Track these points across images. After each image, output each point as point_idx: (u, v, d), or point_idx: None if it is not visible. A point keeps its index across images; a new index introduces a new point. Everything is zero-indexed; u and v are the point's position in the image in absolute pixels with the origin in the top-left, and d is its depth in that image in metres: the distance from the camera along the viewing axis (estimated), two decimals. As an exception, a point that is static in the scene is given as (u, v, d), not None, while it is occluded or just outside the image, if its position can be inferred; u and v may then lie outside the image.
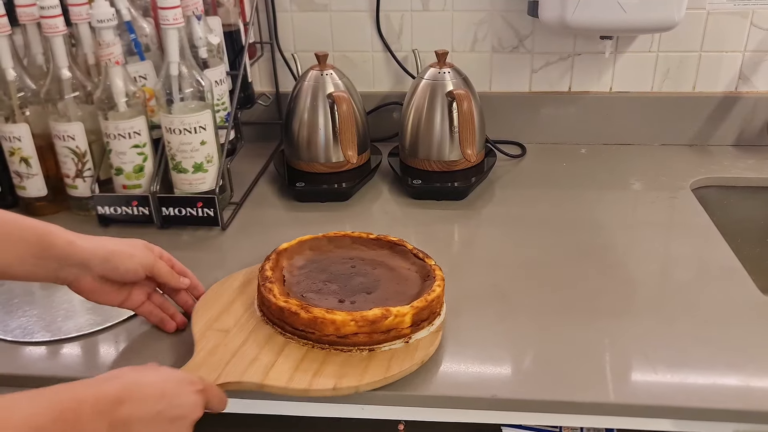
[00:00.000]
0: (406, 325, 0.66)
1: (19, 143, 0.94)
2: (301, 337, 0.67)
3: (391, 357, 0.65)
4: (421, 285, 0.72)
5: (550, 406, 0.64)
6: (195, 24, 0.96)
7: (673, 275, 0.83)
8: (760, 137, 1.16)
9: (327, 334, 0.65)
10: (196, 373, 0.62)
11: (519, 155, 1.17)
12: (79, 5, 0.90)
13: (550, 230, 0.93)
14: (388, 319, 0.65)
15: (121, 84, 0.90)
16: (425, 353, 0.66)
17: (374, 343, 0.66)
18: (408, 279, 0.73)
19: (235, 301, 0.74)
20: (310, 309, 0.66)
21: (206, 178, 0.94)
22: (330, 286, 0.72)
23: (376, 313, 0.65)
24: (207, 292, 0.76)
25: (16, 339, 0.74)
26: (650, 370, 0.66)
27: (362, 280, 0.73)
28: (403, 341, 0.67)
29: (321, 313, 0.65)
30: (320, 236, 0.80)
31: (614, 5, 0.96)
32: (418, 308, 0.67)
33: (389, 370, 0.63)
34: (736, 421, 0.63)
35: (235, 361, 0.65)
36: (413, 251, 0.77)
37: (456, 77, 1.03)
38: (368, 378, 0.62)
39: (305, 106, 1.04)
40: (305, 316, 0.65)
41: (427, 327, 0.69)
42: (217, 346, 0.67)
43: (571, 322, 0.73)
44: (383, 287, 0.72)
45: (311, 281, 0.73)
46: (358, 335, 0.65)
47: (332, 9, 1.17)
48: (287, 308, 0.67)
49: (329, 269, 0.75)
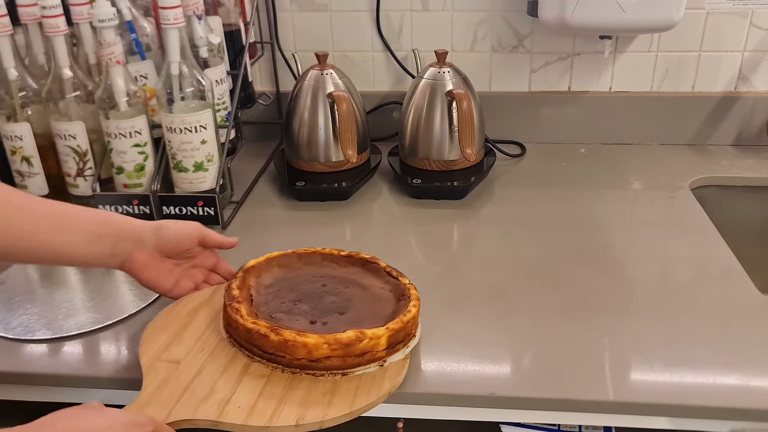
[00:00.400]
0: (381, 348, 0.63)
1: (20, 142, 0.95)
2: (270, 361, 0.63)
3: (358, 386, 0.61)
4: (396, 305, 0.68)
5: (549, 404, 0.64)
6: (196, 24, 0.96)
7: (672, 275, 0.84)
8: (759, 137, 1.16)
9: (298, 357, 0.62)
10: (144, 411, 0.58)
11: (518, 155, 1.17)
12: (80, 5, 0.90)
13: (549, 230, 0.93)
14: (362, 342, 0.61)
15: (122, 83, 0.90)
16: (392, 384, 0.62)
17: (348, 367, 0.62)
18: (381, 298, 0.70)
19: (186, 328, 0.68)
20: (280, 331, 0.62)
21: (207, 177, 0.95)
22: (300, 306, 0.68)
23: (350, 336, 0.61)
24: (155, 318, 0.70)
25: (17, 337, 0.74)
26: (649, 369, 0.66)
27: (334, 299, 0.69)
28: (378, 364, 0.63)
29: (292, 335, 0.61)
30: (289, 253, 0.76)
31: (613, 5, 0.97)
32: (393, 330, 0.63)
33: (354, 403, 0.59)
34: (733, 419, 0.64)
35: (187, 397, 0.59)
36: (386, 269, 0.73)
37: (456, 77, 1.04)
38: (333, 412, 0.58)
39: (305, 106, 1.04)
40: (275, 338, 0.61)
41: (402, 349, 0.65)
42: (167, 379, 0.61)
43: (570, 321, 0.74)
44: (356, 307, 0.68)
45: (280, 300, 0.69)
46: (331, 359, 0.61)
47: (332, 9, 1.17)
48: (255, 330, 0.62)
49: (299, 288, 0.71)
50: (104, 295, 0.80)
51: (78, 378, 0.69)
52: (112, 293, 0.81)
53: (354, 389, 0.61)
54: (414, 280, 0.72)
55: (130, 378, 0.68)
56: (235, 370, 0.63)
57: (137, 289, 0.80)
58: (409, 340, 0.67)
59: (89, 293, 0.81)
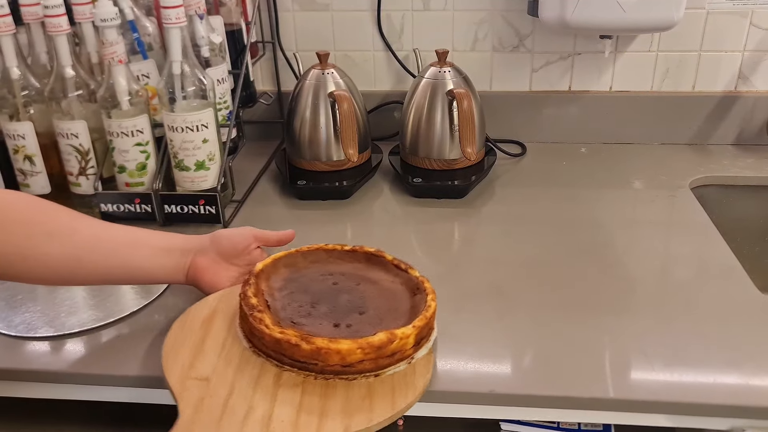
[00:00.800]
0: (409, 346, 0.64)
1: (23, 141, 0.95)
2: (302, 369, 0.62)
3: (393, 387, 0.62)
4: (411, 299, 0.69)
5: (549, 402, 0.65)
6: (197, 23, 0.97)
7: (672, 274, 0.84)
8: (759, 136, 1.16)
9: (331, 364, 0.61)
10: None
11: (519, 154, 1.17)
12: (82, 4, 0.90)
13: (549, 229, 0.93)
14: (393, 343, 0.62)
15: (124, 82, 0.90)
16: (425, 380, 0.63)
17: (379, 368, 0.62)
18: (396, 293, 0.70)
19: (204, 340, 0.66)
20: (311, 339, 0.61)
21: (208, 176, 0.95)
22: (319, 309, 0.67)
23: (381, 339, 0.61)
24: (169, 333, 0.68)
25: (19, 334, 0.74)
26: (648, 367, 0.66)
27: (349, 298, 0.69)
28: (407, 362, 0.64)
29: (324, 343, 0.61)
30: (294, 251, 0.75)
31: (613, 5, 0.97)
32: (419, 327, 0.64)
33: (395, 405, 0.60)
34: (733, 416, 0.64)
35: (227, 418, 0.57)
36: (393, 262, 0.73)
37: (456, 76, 1.04)
38: (377, 416, 0.58)
39: (307, 105, 1.04)
40: (307, 347, 0.61)
41: (425, 345, 0.66)
42: (202, 399, 0.59)
43: (570, 320, 0.74)
44: (373, 305, 0.68)
45: (297, 304, 0.68)
46: (363, 362, 0.61)
47: (334, 8, 1.18)
48: (285, 340, 0.61)
49: (310, 289, 0.70)
50: (106, 293, 0.81)
51: (80, 375, 0.70)
52: (113, 291, 0.81)
53: (390, 391, 0.61)
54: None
55: (132, 375, 0.68)
56: (267, 382, 0.62)
57: (138, 287, 0.81)
58: (431, 335, 0.67)
59: (91, 291, 0.82)
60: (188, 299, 0.78)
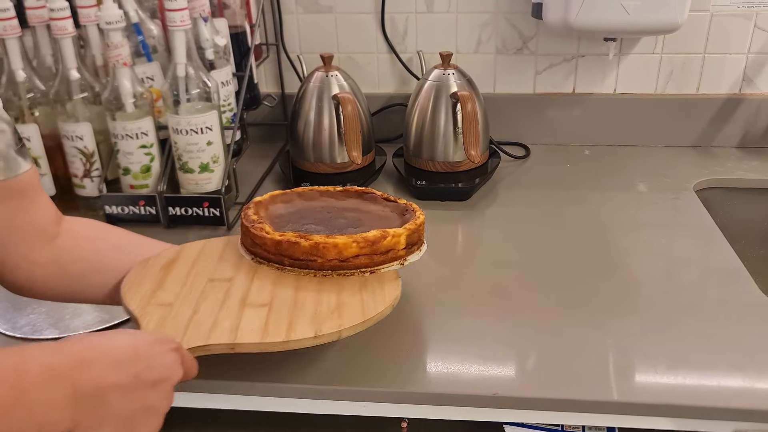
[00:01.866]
0: (401, 246, 0.69)
1: (28, 143, 0.95)
2: (302, 267, 0.67)
3: (362, 300, 0.64)
4: (401, 218, 0.74)
5: (552, 405, 0.65)
6: (202, 26, 0.97)
7: (676, 276, 0.84)
8: (764, 139, 1.16)
9: (330, 258, 0.66)
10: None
11: (523, 156, 1.17)
12: (87, 7, 0.91)
13: (553, 231, 0.93)
14: (386, 239, 0.67)
15: (128, 85, 0.91)
16: (394, 296, 0.66)
17: (375, 264, 0.67)
18: (387, 217, 0.75)
19: (165, 279, 0.68)
20: (309, 237, 0.66)
21: (212, 178, 0.95)
22: (316, 228, 0.72)
23: (375, 234, 0.67)
24: (128, 274, 0.68)
25: (24, 336, 0.75)
26: (652, 370, 0.66)
27: (344, 221, 0.74)
28: (399, 263, 0.69)
29: (322, 238, 0.66)
30: (289, 191, 0.80)
31: (617, 7, 0.97)
32: (410, 230, 0.69)
33: (365, 312, 0.63)
34: (737, 420, 0.64)
35: (193, 328, 0.60)
36: (383, 196, 0.78)
37: (460, 79, 1.04)
38: (347, 322, 0.61)
39: (310, 107, 1.05)
40: (306, 243, 0.66)
41: (416, 252, 0.71)
42: (164, 318, 0.61)
43: (574, 322, 0.74)
44: (367, 224, 0.73)
45: (295, 225, 0.73)
46: (359, 257, 0.66)
47: (337, 11, 1.18)
48: (285, 240, 0.66)
49: (308, 216, 0.75)
50: (111, 295, 0.81)
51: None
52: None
53: (360, 302, 0.64)
54: (418, 280, 0.73)
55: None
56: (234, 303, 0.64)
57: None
58: (421, 245, 0.72)
59: (96, 293, 0.82)
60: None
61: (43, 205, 0.63)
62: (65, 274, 0.64)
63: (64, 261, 0.64)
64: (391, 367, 0.68)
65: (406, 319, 0.75)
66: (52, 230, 0.63)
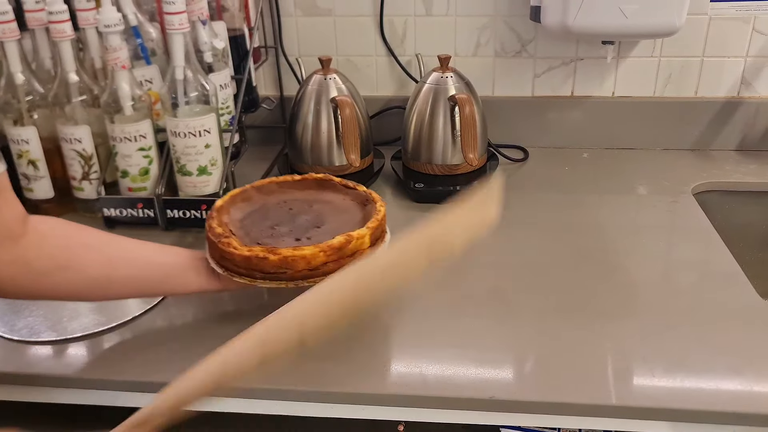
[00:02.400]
0: (366, 246, 0.70)
1: (27, 146, 0.96)
2: (273, 279, 0.68)
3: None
4: (363, 210, 0.75)
5: (549, 408, 0.65)
6: (200, 29, 0.97)
7: (674, 279, 0.84)
8: (762, 142, 1.16)
9: (299, 270, 0.67)
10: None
11: (521, 159, 1.17)
12: (86, 10, 0.91)
13: (551, 234, 0.93)
14: (351, 243, 0.68)
15: (127, 88, 0.91)
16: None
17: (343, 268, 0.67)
18: (348, 208, 0.76)
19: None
20: (277, 251, 0.67)
21: (210, 181, 0.95)
22: (280, 230, 0.73)
23: (340, 240, 0.68)
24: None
25: (22, 338, 0.75)
26: (649, 373, 0.66)
27: (306, 218, 0.75)
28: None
29: (289, 252, 0.66)
30: (247, 187, 0.80)
31: (615, 10, 0.97)
32: (373, 228, 0.70)
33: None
34: (735, 423, 0.64)
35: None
36: (341, 182, 0.80)
37: (458, 81, 1.04)
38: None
39: (309, 110, 1.05)
40: (274, 258, 0.66)
41: (381, 245, 0.72)
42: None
43: (572, 325, 0.74)
44: (329, 219, 0.74)
45: (259, 229, 0.73)
46: (327, 264, 0.67)
47: (336, 14, 1.18)
48: (254, 255, 0.67)
49: (270, 215, 0.76)
50: (108, 298, 0.81)
51: (82, 380, 0.70)
52: (116, 296, 0.81)
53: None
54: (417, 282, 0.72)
55: (134, 380, 0.68)
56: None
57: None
58: (384, 237, 0.74)
59: (93, 296, 0.82)
60: (190, 303, 0.79)
61: (11, 205, 0.63)
62: (31, 271, 0.64)
63: (29, 258, 0.64)
64: (387, 369, 0.68)
65: (403, 322, 0.75)
66: (18, 230, 0.63)
